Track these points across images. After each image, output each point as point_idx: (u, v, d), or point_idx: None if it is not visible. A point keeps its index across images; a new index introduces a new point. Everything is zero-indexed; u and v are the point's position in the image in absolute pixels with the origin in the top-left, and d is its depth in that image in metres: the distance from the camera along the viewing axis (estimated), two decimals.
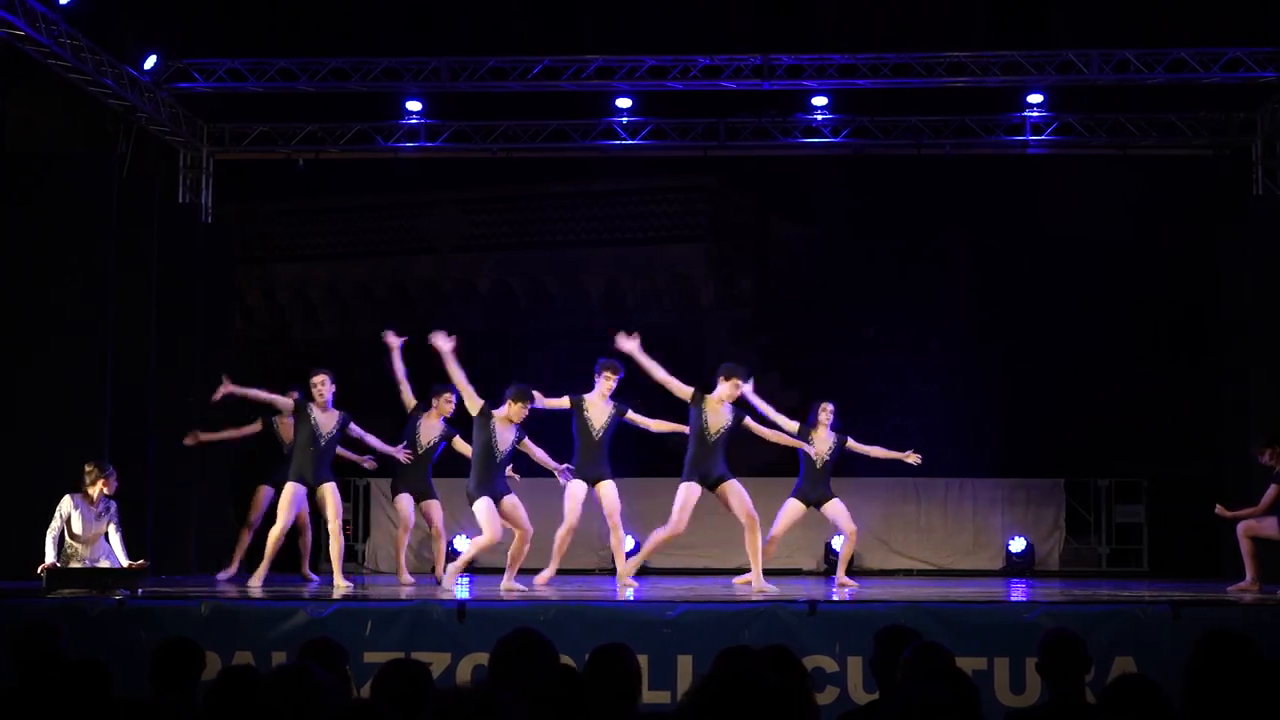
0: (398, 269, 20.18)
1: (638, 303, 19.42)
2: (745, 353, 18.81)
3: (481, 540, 11.92)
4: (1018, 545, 16.76)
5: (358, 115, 16.83)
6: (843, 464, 13.05)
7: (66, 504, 11.24)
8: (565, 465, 12.22)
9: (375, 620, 9.52)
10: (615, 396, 12.28)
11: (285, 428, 13.71)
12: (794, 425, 12.83)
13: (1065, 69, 15.22)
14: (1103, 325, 17.91)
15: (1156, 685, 4.49)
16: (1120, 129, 16.38)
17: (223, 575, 13.78)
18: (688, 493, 11.99)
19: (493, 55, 15.56)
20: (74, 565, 11.14)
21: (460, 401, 12.42)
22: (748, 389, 12.32)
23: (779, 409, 12.83)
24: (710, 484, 12.02)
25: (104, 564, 11.21)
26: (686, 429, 12.11)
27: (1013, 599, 11.53)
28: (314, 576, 13.97)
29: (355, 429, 12.43)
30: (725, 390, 11.94)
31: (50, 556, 11.00)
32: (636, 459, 13.94)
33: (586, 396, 12.18)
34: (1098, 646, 8.52)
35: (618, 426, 12.28)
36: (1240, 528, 12.39)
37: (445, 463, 13.66)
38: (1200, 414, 16.94)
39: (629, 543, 16.54)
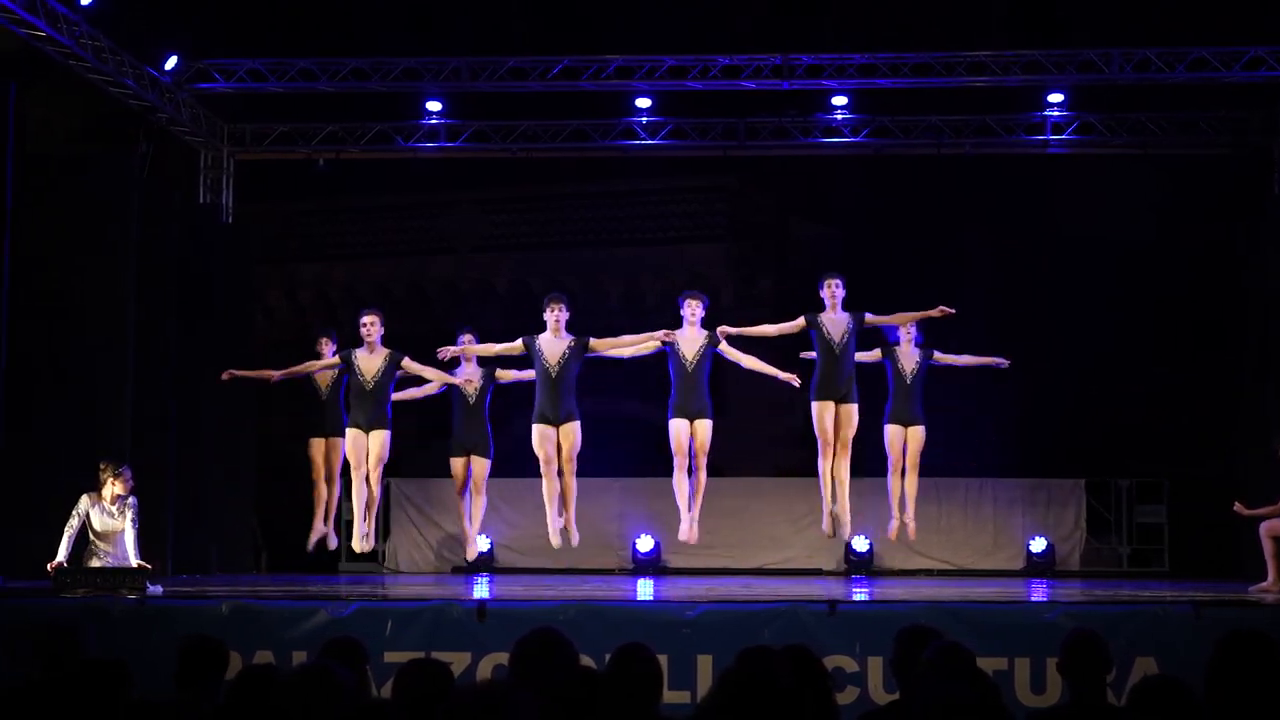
0: (417, 269, 20.20)
1: (657, 303, 19.40)
2: (764, 353, 18.82)
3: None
4: (1038, 545, 16.72)
5: (378, 115, 16.85)
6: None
7: (84, 503, 11.27)
8: None
9: (395, 620, 9.53)
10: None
11: (323, 377, 13.63)
12: (875, 353, 12.85)
13: (1086, 68, 15.18)
14: (1123, 325, 17.86)
15: (1185, 685, 4.47)
16: (1141, 128, 16.34)
17: (316, 536, 13.61)
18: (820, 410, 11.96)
19: (512, 55, 15.57)
20: (96, 563, 11.17)
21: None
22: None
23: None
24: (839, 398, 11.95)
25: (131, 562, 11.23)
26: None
27: (1033, 599, 11.50)
28: (327, 529, 13.69)
29: (411, 364, 12.28)
30: (826, 294, 12.02)
31: (61, 554, 11.01)
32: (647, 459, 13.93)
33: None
34: (1119, 647, 8.50)
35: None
36: (1263, 528, 12.35)
37: None
38: (1221, 414, 16.88)
39: (649, 542, 16.59)
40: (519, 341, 12.01)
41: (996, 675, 8.75)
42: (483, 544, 16.42)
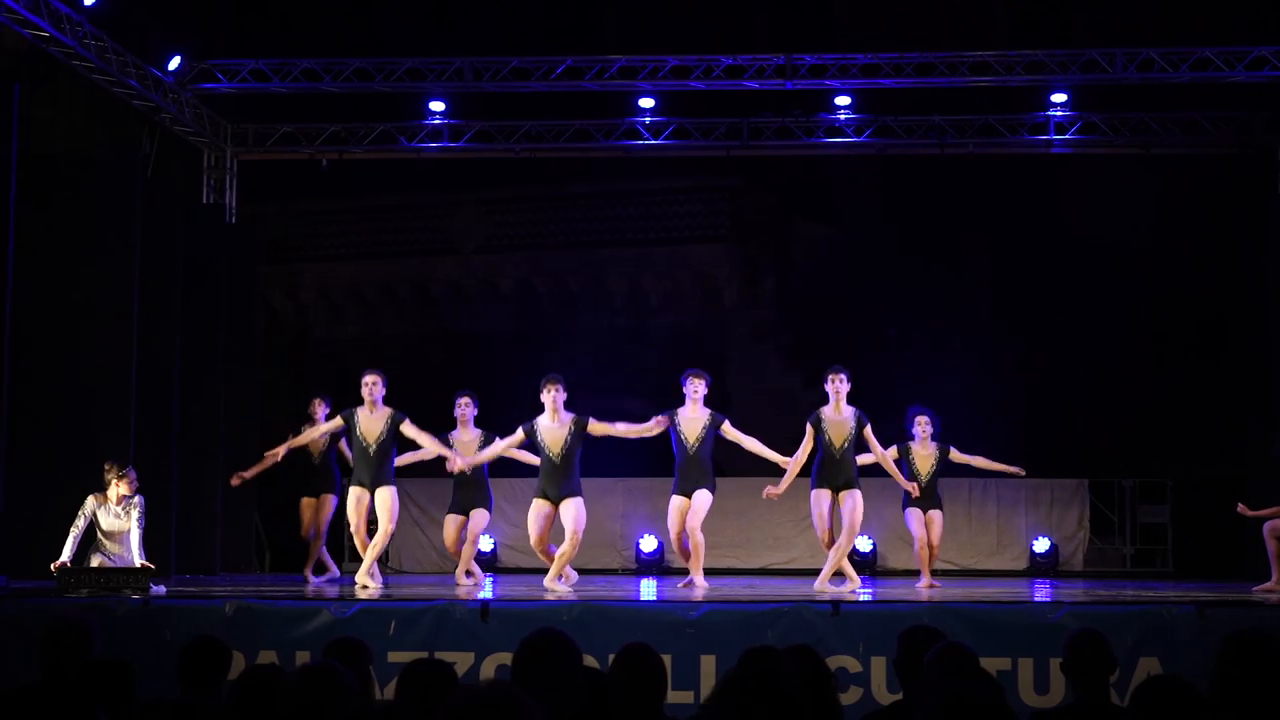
0: (421, 269, 20.20)
1: (660, 303, 19.42)
2: (767, 353, 18.83)
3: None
4: (1042, 546, 16.71)
5: (381, 116, 16.86)
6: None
7: (90, 504, 11.28)
8: None
9: (399, 620, 9.53)
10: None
11: (316, 443, 13.70)
12: (892, 452, 12.65)
13: (1089, 68, 15.18)
14: (1126, 325, 17.86)
15: (1189, 685, 4.46)
16: (1144, 128, 16.33)
17: (320, 579, 13.72)
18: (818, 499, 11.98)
19: (516, 55, 15.57)
20: (108, 563, 11.18)
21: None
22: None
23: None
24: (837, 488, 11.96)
25: (138, 562, 11.24)
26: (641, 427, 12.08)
27: (1037, 599, 11.50)
28: (313, 579, 13.78)
29: (409, 428, 12.04)
30: (832, 388, 11.94)
31: (65, 555, 11.02)
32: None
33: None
34: (1122, 647, 8.51)
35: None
36: (1266, 528, 12.35)
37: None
38: (1224, 414, 16.88)
39: (652, 542, 16.59)
40: (519, 432, 11.84)
41: (1000, 675, 8.75)
42: (485, 544, 16.41)
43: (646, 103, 16.42)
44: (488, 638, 9.37)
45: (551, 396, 11.72)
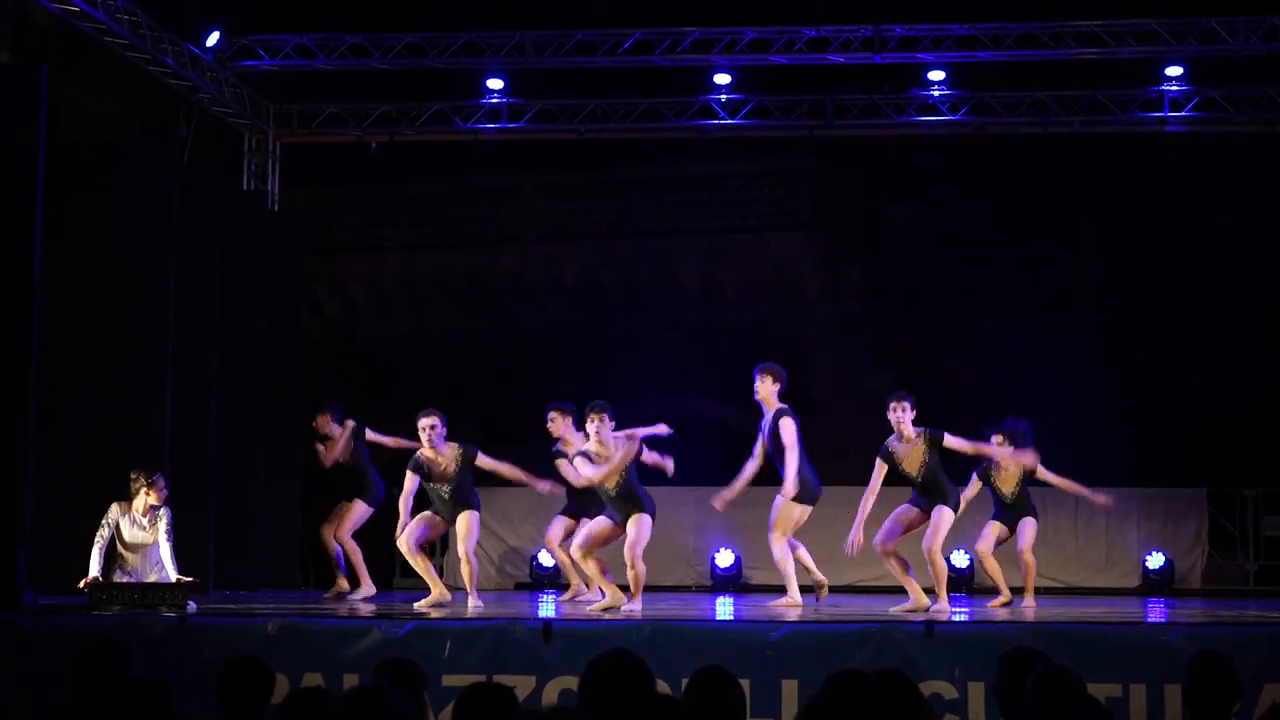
0: (477, 260, 20.23)
1: (737, 296, 19.37)
2: (854, 349, 18.75)
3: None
4: (1155, 561, 16.59)
5: (435, 94, 16.93)
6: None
7: (114, 512, 11.37)
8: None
9: (454, 640, 9.57)
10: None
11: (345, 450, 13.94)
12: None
13: (1207, 38, 15.05)
14: (1248, 318, 17.66)
15: None
16: (1268, 104, 16.19)
17: (358, 595, 13.88)
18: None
19: (580, 28, 15.60)
20: (125, 578, 11.25)
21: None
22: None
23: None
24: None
25: (153, 577, 11.32)
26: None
27: (1151, 620, 11.42)
28: (347, 587, 14.00)
29: (485, 460, 12.13)
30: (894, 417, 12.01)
31: (94, 569, 11.11)
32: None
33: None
34: (1244, 673, 8.40)
35: None
36: None
37: None
38: None
39: (729, 557, 16.58)
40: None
41: (1110, 703, 8.71)
42: (548, 559, 16.46)
43: (722, 79, 16.42)
44: (551, 660, 9.39)
45: (595, 428, 11.74)
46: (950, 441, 12.01)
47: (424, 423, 12.05)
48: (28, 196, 11.55)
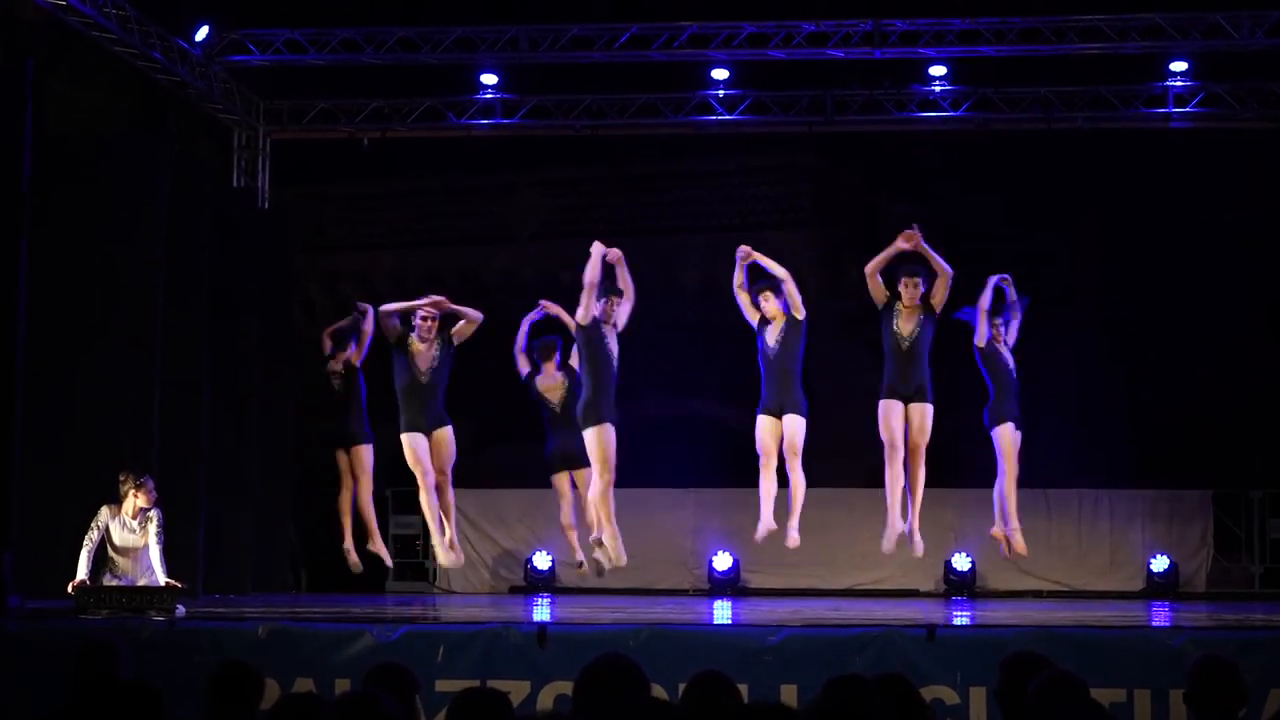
0: (472, 259, 20.21)
1: (735, 296, 19.34)
2: (854, 348, 18.75)
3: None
4: (1160, 564, 16.59)
5: (428, 90, 16.92)
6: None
7: (104, 515, 11.35)
8: None
9: (448, 645, 9.57)
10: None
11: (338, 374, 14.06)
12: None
13: (1212, 33, 15.04)
14: (1254, 319, 17.67)
15: None
16: (1274, 100, 16.20)
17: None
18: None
19: (576, 23, 15.59)
20: (115, 581, 11.25)
21: None
22: None
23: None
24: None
25: (143, 581, 11.31)
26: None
27: (1155, 624, 11.43)
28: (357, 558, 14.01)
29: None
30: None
31: (82, 572, 11.11)
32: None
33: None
34: (1250, 678, 8.40)
35: None
36: None
37: None
38: None
39: (726, 560, 16.57)
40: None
41: (1114, 708, 8.70)
42: (542, 561, 16.46)
43: (720, 74, 16.41)
44: (545, 665, 9.39)
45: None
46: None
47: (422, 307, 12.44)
48: (13, 191, 11.55)
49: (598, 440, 11.85)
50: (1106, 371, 17.50)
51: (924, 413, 12.41)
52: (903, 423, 12.38)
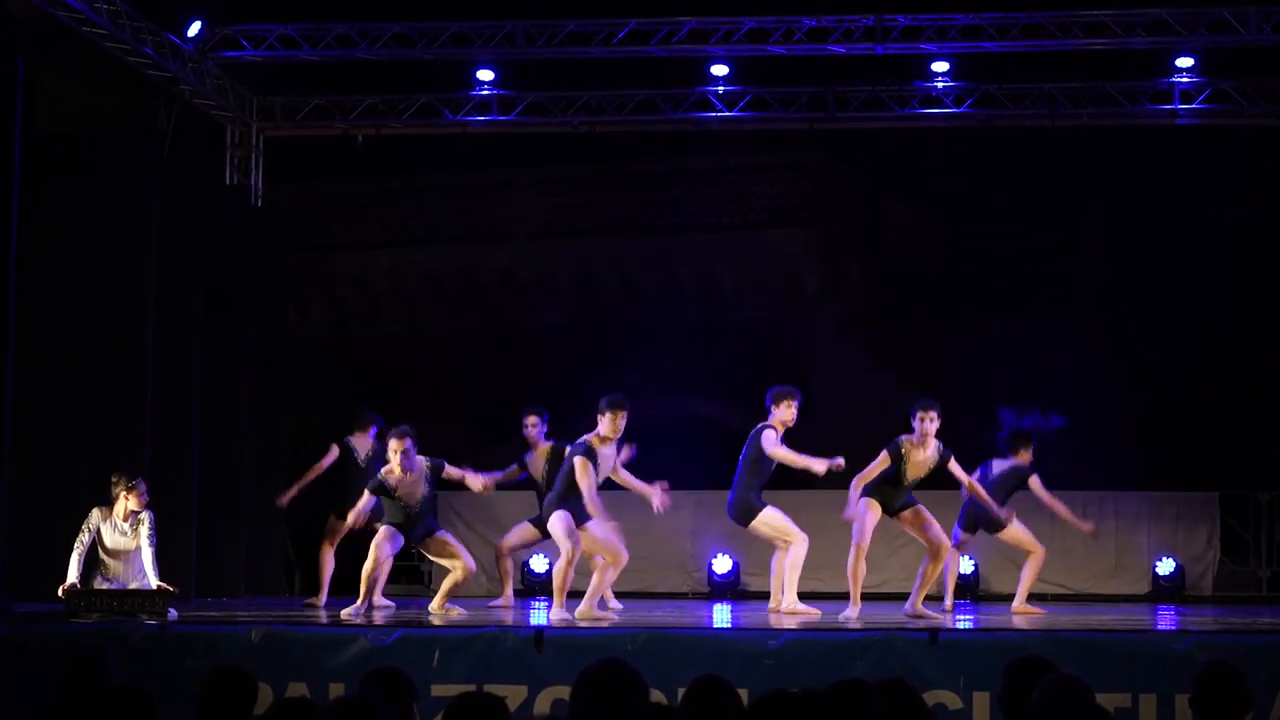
0: (468, 257, 20.23)
1: (734, 294, 19.38)
2: (855, 348, 18.76)
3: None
4: (1166, 567, 16.58)
5: (424, 86, 16.91)
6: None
7: (95, 517, 11.35)
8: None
9: (443, 649, 9.57)
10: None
11: (361, 441, 13.85)
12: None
13: (1219, 28, 15.04)
14: (1260, 317, 17.67)
15: None
16: None
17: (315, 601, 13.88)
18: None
19: (573, 18, 15.58)
20: (106, 584, 11.24)
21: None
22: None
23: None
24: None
25: (135, 584, 11.30)
26: None
27: (1161, 628, 11.43)
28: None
29: (451, 470, 12.21)
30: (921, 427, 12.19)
31: (72, 575, 11.10)
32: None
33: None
34: (1258, 682, 8.42)
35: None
36: None
37: None
38: None
39: (726, 563, 16.56)
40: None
41: (1119, 713, 8.71)
42: (539, 565, 16.46)
43: (719, 70, 16.40)
44: (543, 669, 9.39)
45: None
46: (953, 466, 12.15)
47: (393, 444, 12.02)
48: (4, 188, 11.54)
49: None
50: (1110, 371, 17.50)
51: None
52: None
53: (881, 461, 12.16)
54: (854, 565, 12.20)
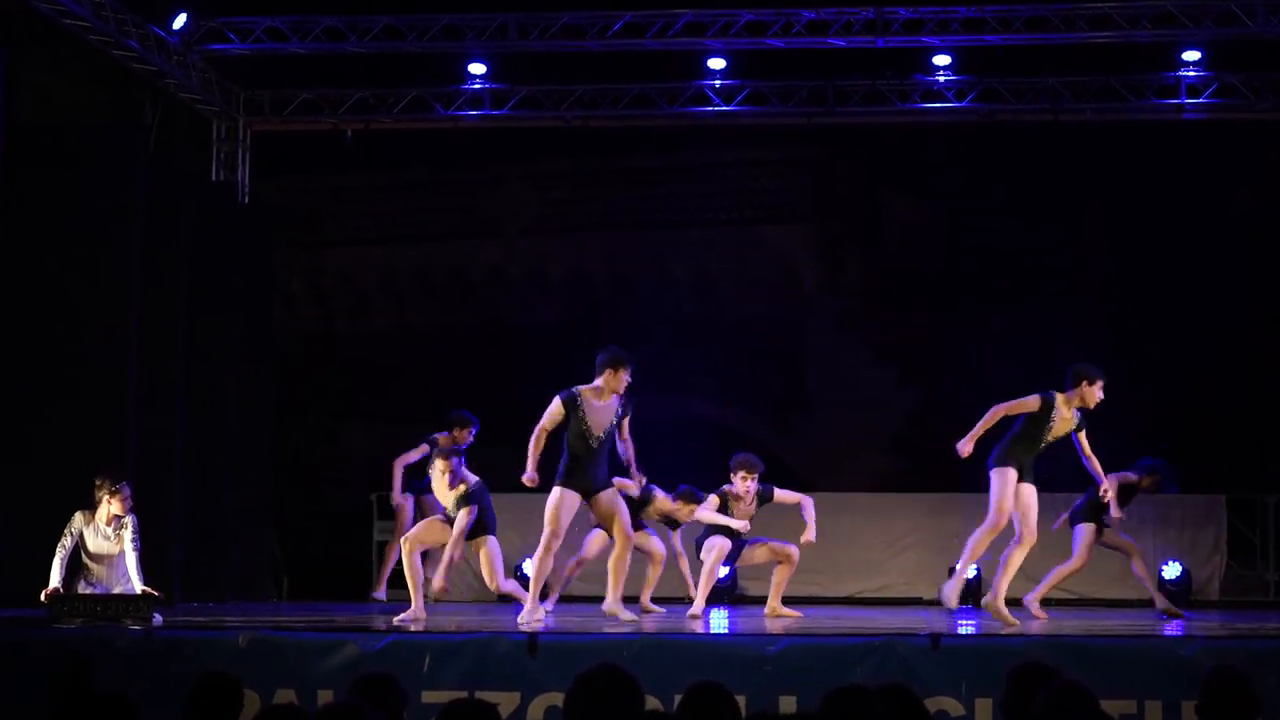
0: (459, 254, 20.23)
1: (731, 291, 19.38)
2: (854, 344, 18.76)
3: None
4: (1172, 571, 16.57)
5: (414, 80, 16.92)
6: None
7: (78, 521, 11.35)
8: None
9: (434, 654, 9.56)
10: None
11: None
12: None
13: (1225, 20, 15.05)
14: (1267, 316, 17.68)
15: None
16: None
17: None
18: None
19: (567, 10, 15.58)
20: (90, 589, 11.24)
21: None
22: None
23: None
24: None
25: (119, 589, 11.30)
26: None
27: (1167, 633, 11.44)
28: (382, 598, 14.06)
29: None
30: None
31: (55, 580, 11.09)
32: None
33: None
34: (1266, 688, 8.43)
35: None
36: None
37: None
38: None
39: (723, 567, 16.55)
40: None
41: None
42: (529, 567, 16.44)
43: (716, 64, 16.41)
44: (536, 675, 9.38)
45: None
46: (1083, 435, 12.13)
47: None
48: None
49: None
50: (1114, 372, 17.50)
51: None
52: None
53: (1028, 403, 11.94)
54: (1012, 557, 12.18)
